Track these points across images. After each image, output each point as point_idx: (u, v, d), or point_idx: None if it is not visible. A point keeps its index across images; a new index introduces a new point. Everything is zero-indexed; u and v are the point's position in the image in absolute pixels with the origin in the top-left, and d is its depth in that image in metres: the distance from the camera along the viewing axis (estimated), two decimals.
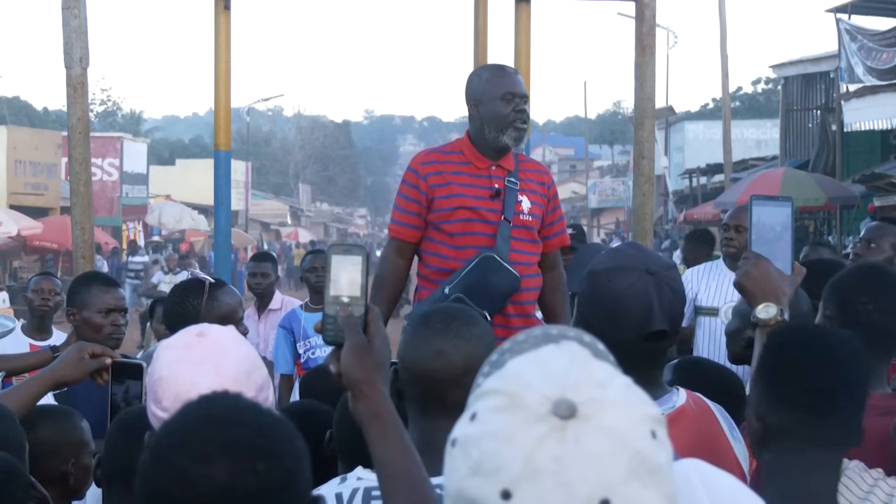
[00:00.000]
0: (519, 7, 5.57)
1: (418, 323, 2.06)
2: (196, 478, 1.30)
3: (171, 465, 1.32)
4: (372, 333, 1.69)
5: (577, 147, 78.87)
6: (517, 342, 1.32)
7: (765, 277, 2.30)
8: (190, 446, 1.32)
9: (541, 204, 4.09)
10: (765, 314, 2.27)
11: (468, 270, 3.89)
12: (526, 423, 1.02)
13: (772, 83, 53.55)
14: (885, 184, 16.54)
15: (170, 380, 1.85)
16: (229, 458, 1.31)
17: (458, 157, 4.06)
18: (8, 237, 24.05)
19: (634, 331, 2.16)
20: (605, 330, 2.13)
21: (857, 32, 18.84)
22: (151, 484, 1.34)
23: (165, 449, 1.34)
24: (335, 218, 69.70)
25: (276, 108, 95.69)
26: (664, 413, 2.14)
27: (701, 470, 1.28)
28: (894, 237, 4.30)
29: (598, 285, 2.21)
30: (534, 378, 1.06)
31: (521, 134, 4.02)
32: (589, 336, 1.34)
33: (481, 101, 4.02)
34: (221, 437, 1.32)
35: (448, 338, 2.00)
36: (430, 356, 1.98)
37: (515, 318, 3.96)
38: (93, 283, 3.96)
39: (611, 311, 2.17)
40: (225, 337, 1.96)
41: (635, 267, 2.21)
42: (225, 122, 5.70)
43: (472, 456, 1.04)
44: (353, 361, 1.65)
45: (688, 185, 32.09)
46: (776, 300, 2.28)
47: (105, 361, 2.69)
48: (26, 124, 39.94)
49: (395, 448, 1.62)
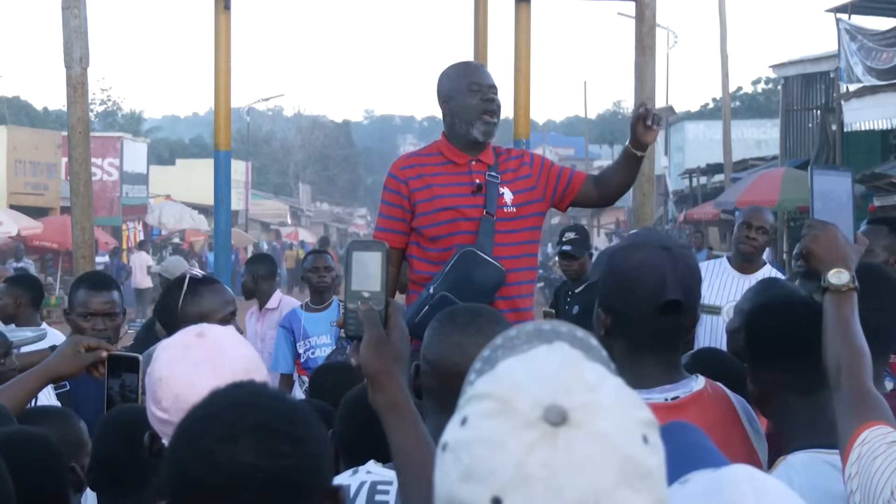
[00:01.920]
0: (519, 7, 5.58)
1: (444, 319, 2.12)
2: (223, 458, 1.32)
3: (197, 447, 1.34)
4: (391, 327, 1.74)
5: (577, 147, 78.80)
6: (509, 338, 1.32)
7: (834, 242, 2.25)
8: (216, 428, 1.34)
9: (528, 186, 4.05)
10: (837, 279, 2.21)
11: (449, 268, 3.88)
12: (517, 429, 1.02)
13: (772, 83, 53.52)
14: (885, 184, 16.54)
15: (169, 380, 1.85)
16: (255, 439, 1.33)
17: (437, 159, 4.05)
18: (8, 237, 24.05)
19: (649, 302, 2.19)
20: (621, 306, 2.22)
21: (856, 32, 18.84)
22: (179, 467, 1.35)
23: (193, 432, 1.36)
24: (335, 218, 69.67)
25: (276, 108, 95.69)
26: (681, 396, 2.20)
27: (751, 475, 1.27)
28: (885, 239, 4.27)
29: (614, 263, 2.27)
30: (525, 382, 1.06)
31: (491, 129, 3.99)
32: (582, 331, 1.35)
33: (450, 96, 4.02)
34: (247, 419, 1.35)
35: (470, 333, 2.05)
36: (450, 350, 2.04)
37: (508, 312, 3.94)
38: (81, 286, 3.94)
39: (625, 284, 2.21)
40: (224, 337, 1.96)
41: (649, 243, 2.26)
42: (225, 122, 5.71)
43: (464, 461, 1.04)
44: (372, 353, 1.69)
45: (688, 185, 32.09)
46: (846, 266, 2.23)
47: (101, 355, 2.69)
48: (26, 124, 39.94)
49: (412, 438, 1.66)
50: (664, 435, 1.32)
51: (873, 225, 4.42)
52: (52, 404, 3.38)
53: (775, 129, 29.07)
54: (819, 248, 2.26)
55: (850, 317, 2.18)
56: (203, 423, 1.36)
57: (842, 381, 2.11)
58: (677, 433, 1.49)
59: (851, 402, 2.06)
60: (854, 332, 2.17)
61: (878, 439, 1.97)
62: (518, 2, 5.57)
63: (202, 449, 1.33)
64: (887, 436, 1.98)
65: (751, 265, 5.45)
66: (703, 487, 1.27)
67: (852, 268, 2.24)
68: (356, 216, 72.20)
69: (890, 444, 1.95)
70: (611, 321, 2.25)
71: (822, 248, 2.26)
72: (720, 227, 26.97)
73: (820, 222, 2.31)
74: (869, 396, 2.07)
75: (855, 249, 2.31)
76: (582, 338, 1.32)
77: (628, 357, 2.21)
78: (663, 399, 2.19)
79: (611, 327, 2.25)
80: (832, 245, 2.25)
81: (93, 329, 3.82)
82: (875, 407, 2.05)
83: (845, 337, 2.15)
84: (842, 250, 2.25)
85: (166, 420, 1.83)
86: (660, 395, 2.19)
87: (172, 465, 1.37)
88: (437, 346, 2.08)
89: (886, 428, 2.00)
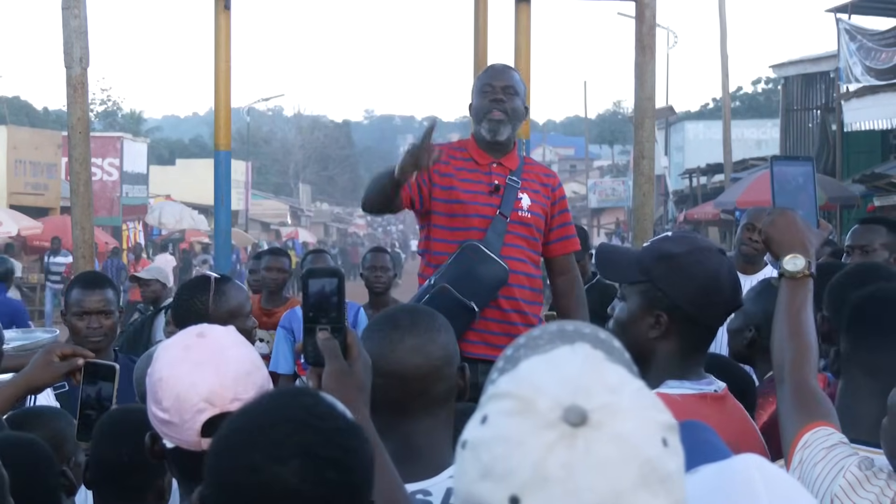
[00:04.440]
0: (519, 7, 5.57)
1: (385, 327, 2.02)
2: (268, 476, 1.31)
3: (244, 460, 1.33)
4: (353, 357, 1.71)
5: (577, 147, 78.88)
6: (532, 337, 1.31)
7: (792, 226, 2.21)
8: (264, 443, 1.33)
9: (543, 205, 4.10)
10: (792, 266, 2.16)
11: (452, 260, 3.91)
12: (536, 428, 1.02)
13: (772, 83, 53.52)
14: (885, 184, 16.54)
15: (170, 380, 1.85)
16: (302, 462, 1.32)
17: (462, 154, 4.11)
18: (8, 237, 24.05)
19: (727, 306, 2.26)
20: (697, 309, 2.21)
21: (856, 32, 18.85)
22: (223, 476, 1.35)
23: (240, 441, 1.35)
24: (335, 218, 69.67)
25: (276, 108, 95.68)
26: (714, 391, 2.23)
27: (760, 465, 1.27)
28: (884, 238, 4.26)
29: (686, 266, 2.23)
30: (546, 382, 1.05)
31: (496, 126, 4.02)
32: (605, 333, 1.34)
33: (472, 97, 4.12)
34: (297, 439, 1.33)
35: (420, 332, 1.99)
36: (408, 354, 1.97)
37: (512, 313, 3.96)
38: (75, 286, 3.93)
39: (706, 288, 2.21)
40: (225, 337, 1.96)
41: (711, 247, 2.29)
42: (225, 122, 5.70)
43: (482, 460, 1.04)
44: (335, 385, 1.66)
45: (688, 185, 32.10)
46: (804, 251, 2.17)
47: (77, 362, 2.65)
48: (26, 124, 39.93)
49: (379, 472, 1.64)
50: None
51: (870, 224, 4.41)
52: (51, 405, 3.38)
53: (775, 129, 29.09)
54: (776, 233, 2.22)
55: (801, 306, 2.13)
56: (252, 434, 1.34)
57: (786, 376, 2.08)
58: (690, 432, 1.50)
59: (795, 401, 2.03)
60: (803, 323, 2.12)
61: (819, 443, 1.94)
62: (518, 2, 5.57)
63: (248, 462, 1.32)
64: (827, 439, 1.94)
65: (753, 266, 5.47)
66: (714, 475, 1.27)
67: (811, 253, 2.20)
68: (356, 216, 72.16)
69: (829, 450, 1.92)
70: (672, 322, 2.23)
71: (779, 233, 2.21)
72: (720, 227, 26.99)
73: (779, 208, 2.28)
74: (812, 395, 2.04)
75: (817, 234, 2.27)
76: (605, 339, 1.31)
77: (680, 354, 2.23)
78: (713, 390, 2.24)
79: (670, 328, 2.23)
80: (790, 229, 2.20)
81: (88, 328, 3.81)
82: (818, 406, 2.02)
83: (794, 329, 2.11)
84: (800, 235, 2.20)
85: (167, 420, 1.82)
86: (708, 387, 2.24)
87: (216, 472, 1.36)
88: (391, 356, 1.97)
89: (828, 429, 1.97)
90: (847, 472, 1.88)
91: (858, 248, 4.29)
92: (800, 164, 2.40)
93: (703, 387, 2.22)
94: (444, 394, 1.99)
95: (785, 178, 2.35)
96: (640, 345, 2.21)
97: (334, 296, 1.74)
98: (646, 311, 2.25)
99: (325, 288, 1.75)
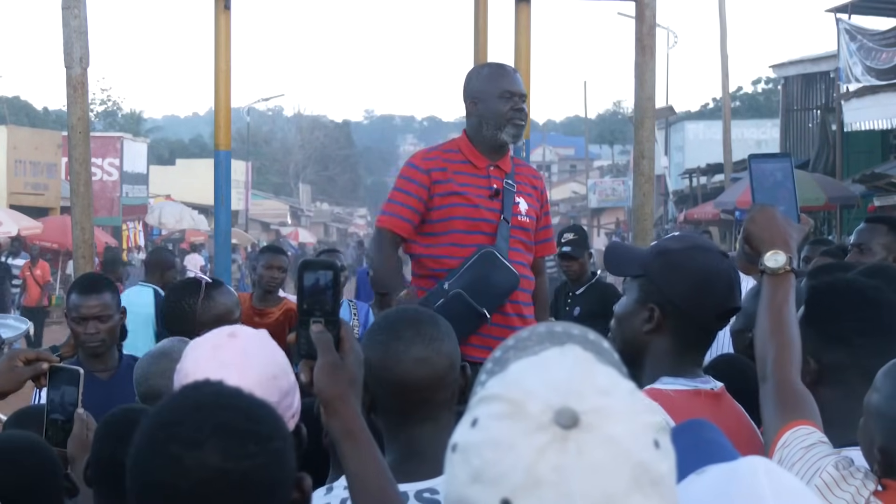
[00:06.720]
0: (519, 7, 5.57)
1: (389, 338, 1.97)
2: (190, 464, 1.31)
3: (164, 454, 1.33)
4: (345, 350, 1.70)
5: (577, 147, 78.82)
6: (521, 339, 1.31)
7: (771, 222, 2.19)
8: (181, 432, 1.33)
9: (535, 208, 4.11)
10: (773, 262, 2.15)
11: (468, 266, 3.88)
12: (528, 431, 1.01)
13: (772, 83, 53.51)
14: (885, 184, 16.53)
15: (194, 377, 1.85)
16: (221, 440, 1.32)
17: (457, 156, 4.06)
18: (8, 237, 24.03)
19: (718, 306, 2.25)
20: (686, 305, 2.22)
21: (856, 32, 18.85)
22: (146, 475, 1.34)
23: (157, 439, 1.35)
24: (335, 218, 69.67)
25: (276, 108, 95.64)
26: (713, 389, 2.24)
27: (767, 467, 1.26)
28: (884, 237, 4.26)
29: (681, 261, 2.25)
30: (536, 385, 1.05)
31: (520, 131, 4.04)
32: (594, 334, 1.33)
33: (480, 98, 4.03)
34: (211, 422, 1.34)
35: (425, 343, 1.95)
36: (413, 366, 1.93)
37: (514, 317, 3.96)
38: (73, 290, 3.91)
39: (698, 285, 2.22)
40: (255, 340, 1.96)
41: (711, 248, 2.31)
42: (225, 122, 5.70)
43: (473, 463, 1.03)
44: (327, 378, 1.66)
45: (688, 185, 32.10)
46: (784, 247, 2.16)
47: (41, 367, 2.60)
48: (26, 124, 39.94)
49: (368, 464, 1.64)
50: (681, 432, 1.32)
51: (872, 223, 4.42)
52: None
53: (775, 129, 29.09)
54: (756, 229, 2.19)
55: (783, 302, 2.12)
56: (167, 427, 1.35)
57: (768, 374, 2.07)
58: (694, 430, 1.50)
59: (776, 400, 2.02)
60: (786, 320, 2.11)
61: (797, 443, 1.93)
62: (518, 2, 5.57)
63: (168, 455, 1.32)
64: (806, 438, 1.93)
65: (754, 266, 5.45)
66: (720, 477, 1.26)
67: (792, 248, 2.18)
68: (356, 216, 72.20)
69: (807, 450, 1.92)
70: (665, 317, 2.24)
71: (759, 229, 2.19)
72: (720, 227, 26.98)
73: (759, 205, 2.26)
74: (794, 393, 2.03)
75: (798, 229, 2.25)
76: (594, 340, 1.31)
77: (674, 351, 2.24)
78: (710, 388, 2.24)
79: (663, 322, 2.25)
80: (770, 225, 2.18)
81: (85, 333, 3.80)
82: (800, 404, 2.01)
83: (775, 325, 2.10)
84: (780, 230, 2.18)
85: None
86: (705, 385, 2.24)
87: (138, 473, 1.35)
88: (396, 367, 1.93)
89: (808, 428, 1.96)
90: (823, 472, 1.87)
91: (856, 247, 4.33)
92: (777, 160, 2.41)
93: (698, 384, 2.23)
94: (447, 398, 1.99)
95: (763, 175, 2.36)
96: (635, 338, 2.25)
97: (329, 289, 1.74)
98: (641, 304, 2.27)
99: (320, 281, 1.74)
